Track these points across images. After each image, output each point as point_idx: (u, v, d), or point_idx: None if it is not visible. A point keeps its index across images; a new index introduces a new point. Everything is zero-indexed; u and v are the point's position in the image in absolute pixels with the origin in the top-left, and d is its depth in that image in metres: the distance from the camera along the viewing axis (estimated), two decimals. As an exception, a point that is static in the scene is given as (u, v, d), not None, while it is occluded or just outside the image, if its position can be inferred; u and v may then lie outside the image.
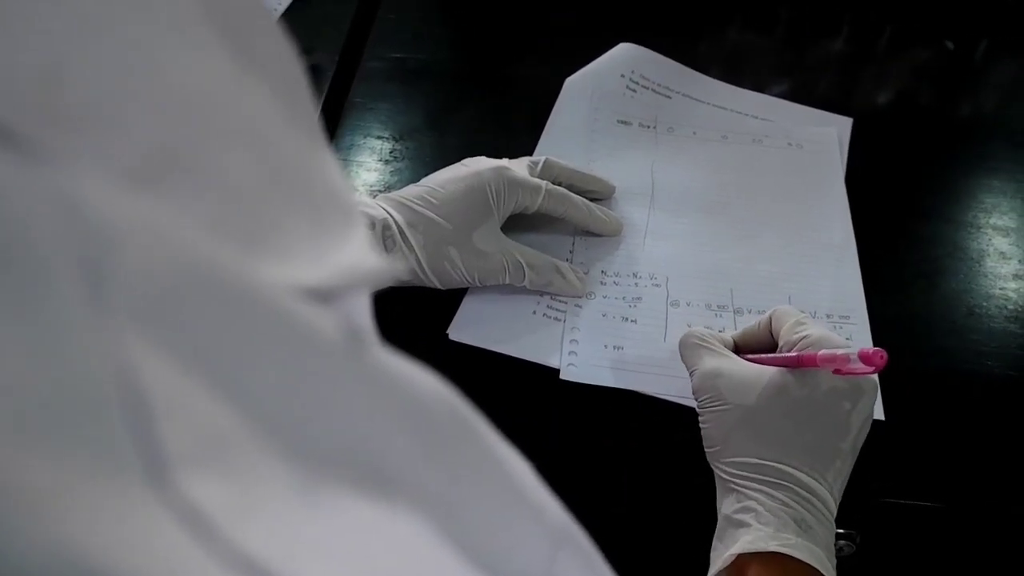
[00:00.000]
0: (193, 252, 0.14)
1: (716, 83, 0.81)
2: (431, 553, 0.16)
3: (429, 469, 0.17)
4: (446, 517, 0.17)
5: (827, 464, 0.47)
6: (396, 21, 0.86)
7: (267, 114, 0.17)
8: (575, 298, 0.62)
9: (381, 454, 0.16)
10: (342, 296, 0.17)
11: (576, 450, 0.57)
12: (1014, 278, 0.67)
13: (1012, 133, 0.80)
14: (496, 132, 0.75)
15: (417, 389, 0.18)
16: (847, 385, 0.48)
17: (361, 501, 0.15)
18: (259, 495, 0.14)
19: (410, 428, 0.17)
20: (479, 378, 0.58)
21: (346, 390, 0.16)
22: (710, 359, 0.52)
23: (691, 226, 0.68)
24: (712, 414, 0.50)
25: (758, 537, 0.45)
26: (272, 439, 0.14)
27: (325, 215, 0.18)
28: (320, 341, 0.16)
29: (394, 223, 0.57)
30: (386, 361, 0.17)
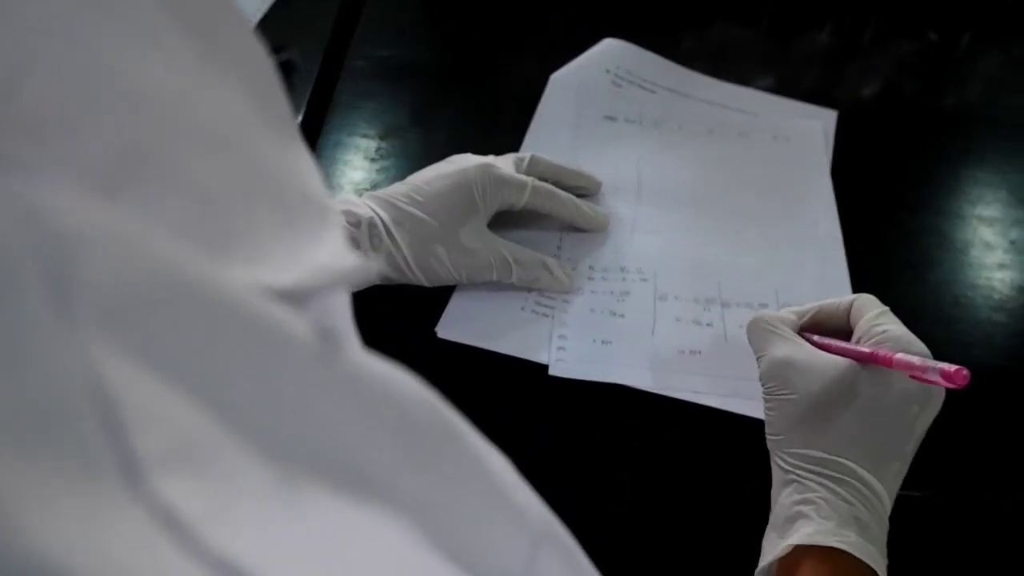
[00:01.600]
0: (160, 256, 0.14)
1: (701, 77, 0.81)
2: (411, 554, 0.16)
3: (409, 470, 0.17)
4: (426, 518, 0.17)
5: (888, 465, 0.47)
6: (380, 19, 0.86)
7: (237, 115, 0.17)
8: (563, 294, 0.62)
9: (359, 456, 0.16)
10: (316, 297, 0.17)
11: (568, 446, 0.57)
12: (999, 268, 0.67)
13: (996, 124, 0.81)
14: (482, 129, 0.75)
15: (395, 390, 0.18)
16: (918, 389, 0.47)
17: (339, 502, 0.15)
18: (234, 496, 0.14)
19: (389, 430, 0.17)
20: (468, 375, 0.58)
21: (320, 392, 0.16)
22: (780, 346, 0.51)
23: (678, 220, 0.68)
24: (778, 402, 0.49)
25: (818, 531, 0.45)
26: (246, 441, 0.14)
27: (298, 216, 0.18)
28: (292, 343, 0.15)
29: (380, 221, 0.57)
30: (363, 362, 0.17)
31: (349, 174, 0.70)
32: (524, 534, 0.20)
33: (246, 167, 0.17)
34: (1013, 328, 0.63)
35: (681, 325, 0.61)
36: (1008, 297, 0.65)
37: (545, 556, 0.20)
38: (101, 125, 0.14)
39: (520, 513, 0.20)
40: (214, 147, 0.16)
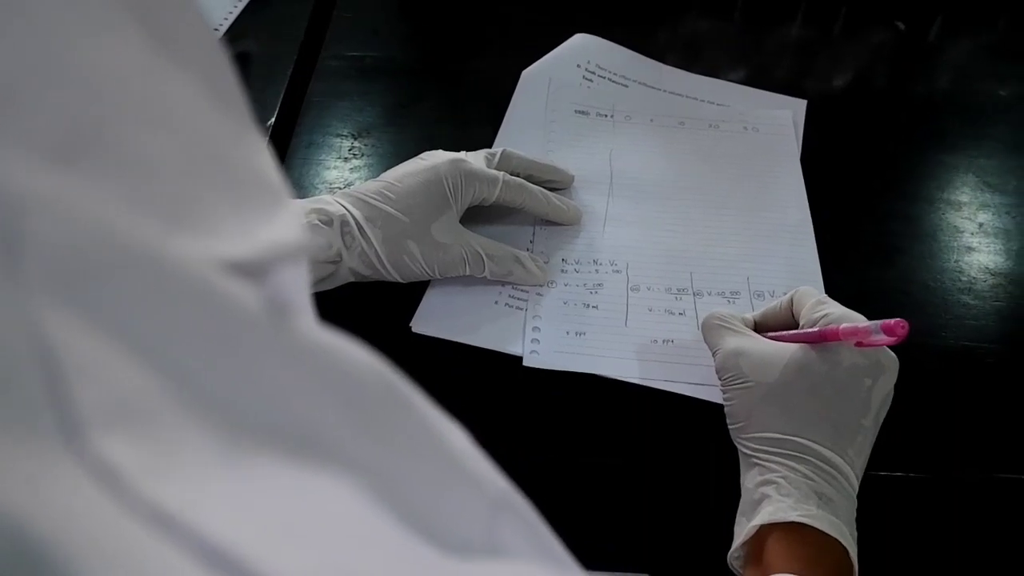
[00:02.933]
0: (110, 224, 0.14)
1: (672, 70, 0.82)
2: (366, 519, 0.17)
3: (362, 439, 0.18)
4: (381, 485, 0.17)
5: (849, 440, 0.48)
6: (352, 20, 0.86)
7: (189, 100, 0.18)
8: (536, 287, 0.62)
9: (311, 423, 0.17)
10: (268, 271, 0.18)
11: (543, 437, 0.57)
12: (967, 251, 0.68)
13: (964, 110, 0.82)
14: (455, 126, 0.76)
15: (347, 361, 0.18)
16: (868, 362, 0.49)
17: (287, 466, 0.16)
18: (177, 456, 0.14)
19: (341, 399, 0.17)
20: (443, 369, 0.59)
21: (268, 361, 0.16)
22: (732, 339, 0.53)
23: (650, 212, 0.69)
24: (735, 391, 0.51)
25: (779, 508, 0.46)
26: (190, 404, 0.15)
27: (251, 196, 0.18)
28: (241, 313, 0.16)
29: (352, 219, 0.57)
30: (314, 334, 0.18)
31: (323, 173, 0.71)
32: (482, 502, 0.20)
33: (198, 148, 0.18)
34: (981, 310, 0.64)
35: (654, 315, 0.62)
36: (976, 279, 0.66)
37: (504, 525, 0.20)
38: (52, 101, 0.15)
39: (476, 482, 0.20)
40: (166, 128, 0.17)
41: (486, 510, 0.20)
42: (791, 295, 0.55)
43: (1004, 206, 0.71)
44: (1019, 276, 0.66)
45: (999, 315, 0.63)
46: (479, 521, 0.20)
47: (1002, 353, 0.61)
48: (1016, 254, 0.68)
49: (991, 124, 0.80)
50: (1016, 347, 0.61)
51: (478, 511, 0.20)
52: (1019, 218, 0.70)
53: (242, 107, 0.20)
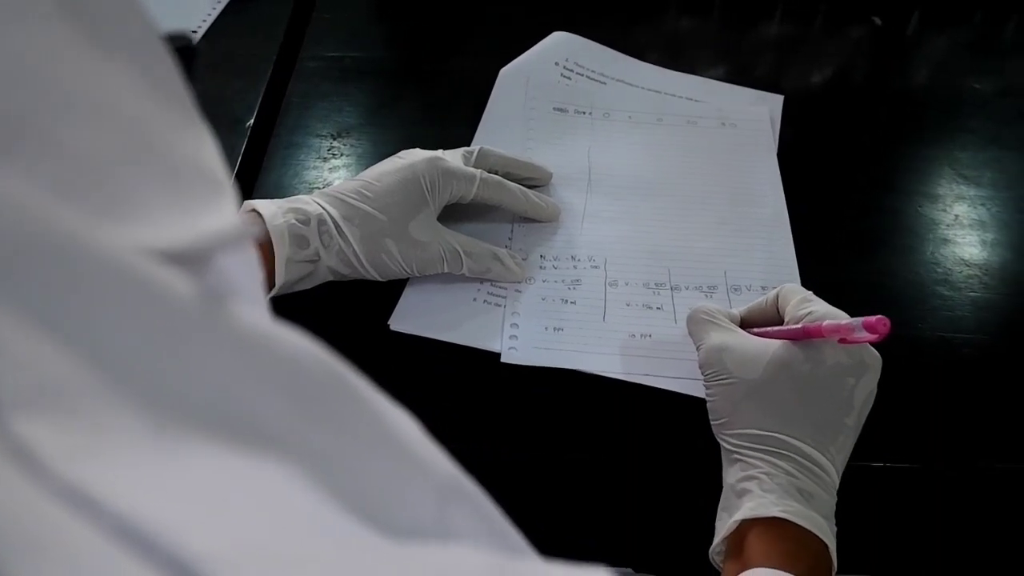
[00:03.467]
0: (35, 212, 0.14)
1: (650, 67, 0.82)
2: (302, 502, 0.17)
3: (302, 424, 0.18)
4: (323, 471, 0.17)
5: (831, 437, 0.48)
6: (332, 20, 0.87)
7: (119, 88, 0.18)
8: (514, 283, 0.63)
9: (249, 410, 0.17)
10: (206, 259, 0.18)
11: (522, 433, 0.57)
12: (943, 243, 0.68)
13: (940, 103, 0.82)
14: (434, 126, 0.76)
15: (289, 350, 0.18)
16: (851, 361, 0.49)
17: (226, 453, 0.16)
18: (100, 439, 0.14)
19: (280, 385, 0.18)
20: (421, 367, 0.59)
21: (203, 348, 0.17)
22: (716, 334, 0.53)
23: (628, 208, 0.69)
24: (718, 387, 0.51)
25: (760, 504, 0.46)
26: (117, 389, 0.15)
27: (188, 184, 0.19)
28: (172, 300, 0.16)
29: (329, 218, 0.58)
30: (252, 322, 0.18)
31: (302, 174, 0.71)
32: (430, 488, 0.20)
33: (131, 139, 0.18)
34: (957, 301, 0.64)
35: (631, 310, 0.62)
36: (951, 271, 0.66)
37: (455, 510, 0.21)
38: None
39: (424, 468, 0.20)
40: (96, 118, 0.17)
41: (435, 496, 0.20)
42: (776, 291, 0.55)
43: (979, 198, 0.72)
44: (993, 267, 0.67)
45: (974, 305, 0.64)
46: (428, 506, 0.20)
47: (978, 343, 0.62)
48: (990, 245, 0.68)
49: (967, 117, 0.81)
50: (991, 337, 0.62)
51: (426, 497, 0.20)
52: (994, 209, 0.71)
53: (183, 99, 0.20)
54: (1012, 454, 0.57)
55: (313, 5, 0.88)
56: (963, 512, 0.59)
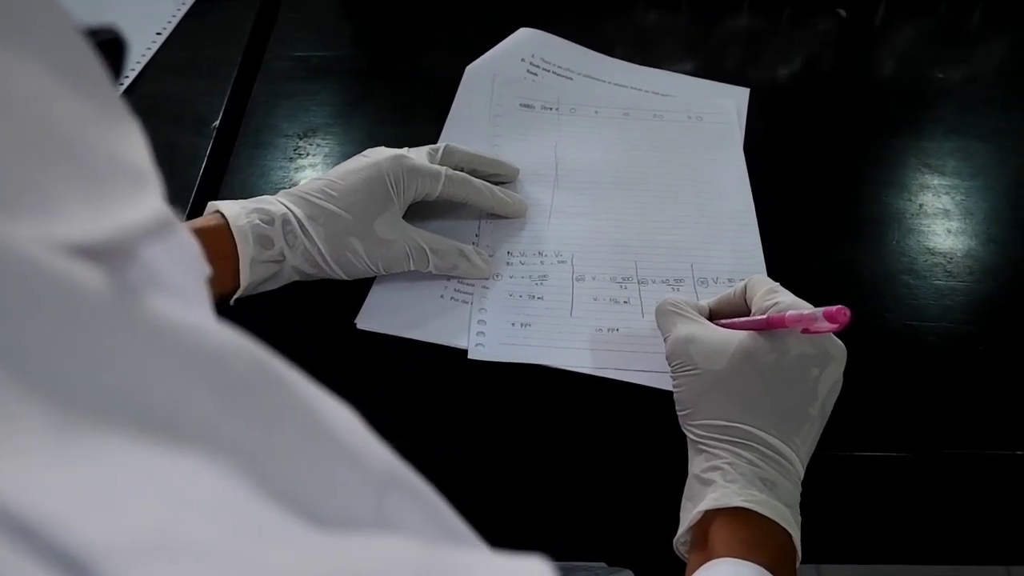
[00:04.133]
0: None
1: (616, 62, 0.82)
2: (230, 497, 0.16)
3: (228, 417, 0.18)
4: (250, 463, 0.17)
5: (795, 428, 0.48)
6: (298, 20, 0.86)
7: (28, 83, 0.18)
8: (482, 280, 0.63)
9: (166, 403, 0.17)
10: (123, 252, 0.18)
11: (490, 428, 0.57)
12: (908, 232, 0.69)
13: (906, 93, 0.83)
14: (400, 124, 0.76)
15: (213, 343, 0.18)
16: (815, 351, 0.49)
17: (140, 446, 0.16)
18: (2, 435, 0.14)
19: (203, 379, 0.18)
20: (388, 365, 0.59)
21: (115, 342, 0.16)
22: (683, 325, 0.53)
23: (595, 202, 0.69)
24: (684, 378, 0.51)
25: (723, 494, 0.46)
26: (20, 385, 0.15)
27: (105, 178, 0.18)
28: (82, 293, 0.16)
29: (294, 217, 0.57)
30: (172, 314, 0.18)
31: (269, 174, 0.71)
32: (366, 479, 0.20)
33: (39, 131, 0.17)
34: (921, 289, 0.65)
35: (599, 304, 0.62)
36: (915, 260, 0.67)
37: (393, 500, 0.21)
38: None
39: (361, 460, 0.20)
40: (2, 115, 0.17)
41: (373, 487, 0.20)
42: (745, 283, 0.56)
43: (943, 187, 0.73)
44: (956, 255, 0.67)
45: (938, 293, 0.64)
46: (364, 498, 0.20)
47: (943, 331, 0.62)
48: (953, 233, 0.69)
49: (932, 107, 0.81)
50: (955, 324, 0.62)
51: (363, 488, 0.20)
52: (957, 198, 0.72)
53: (105, 92, 0.20)
54: (977, 440, 0.57)
55: (279, 5, 0.88)
56: (930, 499, 0.60)
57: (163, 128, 0.74)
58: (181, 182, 0.69)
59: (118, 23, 0.88)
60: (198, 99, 0.77)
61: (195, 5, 0.86)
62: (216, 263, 0.56)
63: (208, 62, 0.81)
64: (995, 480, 0.58)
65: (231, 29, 0.84)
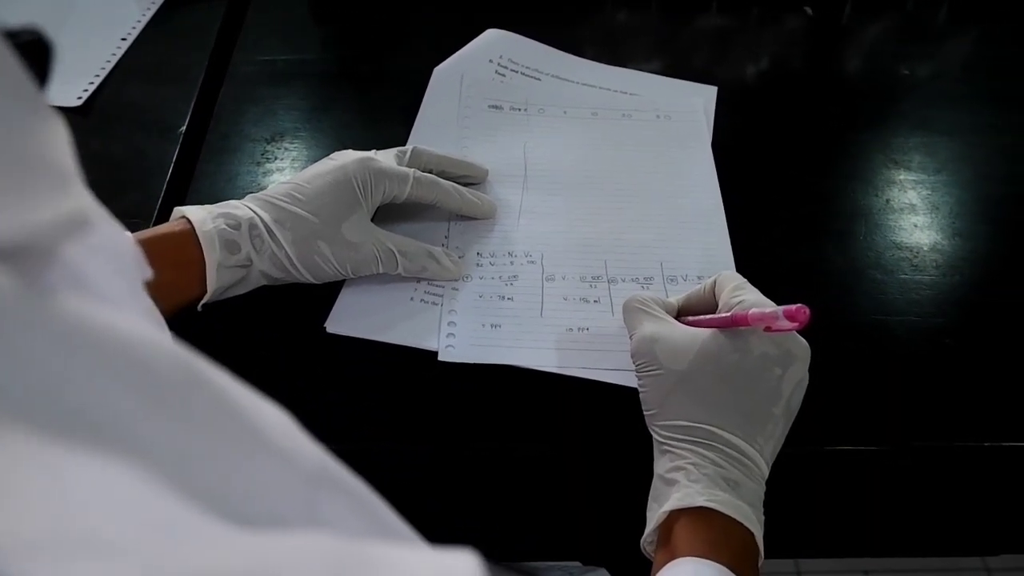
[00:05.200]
0: None
1: (585, 62, 0.82)
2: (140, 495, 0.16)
3: (146, 418, 0.17)
4: (169, 464, 0.17)
5: (758, 427, 0.49)
6: (264, 24, 0.86)
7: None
8: (451, 281, 0.63)
9: (79, 403, 0.16)
10: (40, 252, 0.18)
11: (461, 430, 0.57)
12: (875, 228, 0.69)
13: (872, 89, 0.84)
14: (368, 127, 0.76)
15: (130, 342, 0.18)
16: (778, 351, 0.49)
17: (47, 446, 0.16)
18: None
19: (119, 379, 0.17)
20: (359, 368, 0.59)
21: (18, 341, 0.16)
22: (648, 324, 0.53)
23: (564, 202, 0.69)
24: (648, 378, 0.51)
25: (687, 494, 0.46)
26: None
27: (21, 179, 0.18)
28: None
29: (261, 222, 0.57)
30: (87, 314, 0.17)
31: (236, 179, 0.70)
32: (296, 478, 0.20)
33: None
34: (888, 284, 0.65)
35: (569, 303, 0.62)
36: (882, 254, 0.67)
37: (326, 498, 0.21)
38: None
39: (289, 458, 0.20)
40: None
41: (303, 486, 0.20)
42: (714, 279, 0.56)
43: (909, 182, 0.73)
44: (921, 248, 0.68)
45: (905, 287, 0.65)
46: (294, 496, 0.20)
47: (909, 324, 0.63)
48: (919, 228, 0.69)
49: (898, 103, 0.82)
50: (921, 317, 0.63)
51: (293, 487, 0.20)
52: (923, 192, 0.72)
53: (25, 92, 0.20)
54: (947, 432, 0.57)
55: (245, 9, 0.87)
56: (902, 491, 0.60)
57: (129, 134, 0.73)
58: (148, 188, 0.69)
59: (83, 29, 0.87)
60: (164, 105, 0.76)
61: (160, 10, 0.85)
62: (183, 268, 0.56)
63: (174, 67, 0.80)
64: (965, 471, 0.59)
65: (197, 34, 0.84)
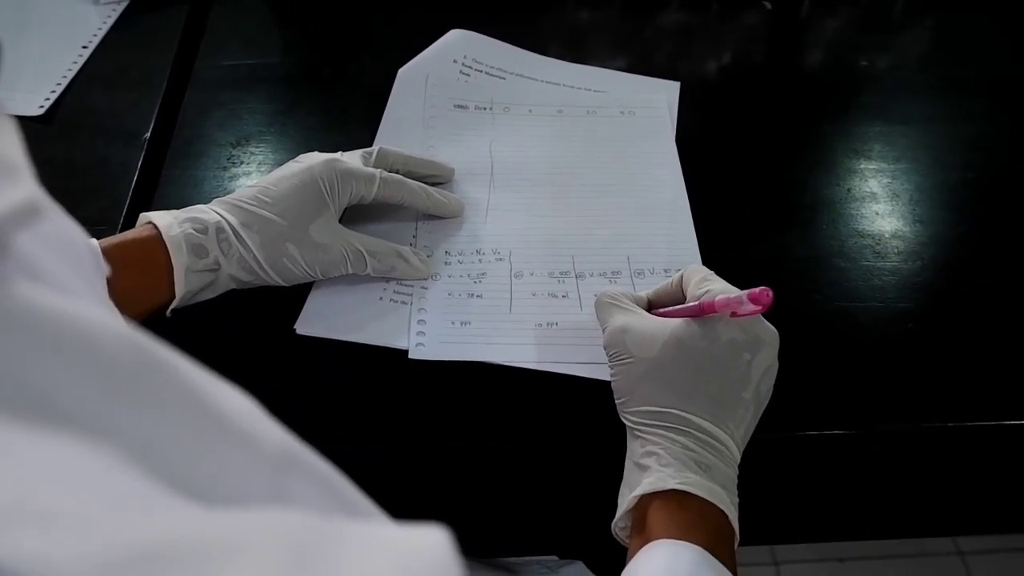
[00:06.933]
0: None
1: (548, 60, 0.83)
2: (101, 472, 0.16)
3: (106, 402, 0.18)
4: (130, 446, 0.17)
5: (729, 412, 0.49)
6: (227, 29, 0.86)
7: None
8: (420, 280, 0.63)
9: (39, 388, 0.17)
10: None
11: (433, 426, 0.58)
12: (837, 217, 0.70)
13: (832, 81, 0.85)
14: (334, 129, 0.76)
15: (87, 329, 0.18)
16: (746, 336, 0.50)
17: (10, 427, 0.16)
18: None
19: (78, 364, 0.18)
20: (329, 369, 0.59)
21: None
22: (619, 316, 0.54)
23: (531, 199, 0.70)
24: (620, 367, 0.52)
25: (659, 478, 0.47)
26: None
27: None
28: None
29: (228, 225, 0.57)
30: (43, 302, 0.18)
31: (201, 184, 0.70)
32: (260, 460, 0.20)
33: None
34: (851, 271, 0.66)
35: (537, 299, 0.63)
36: (844, 243, 0.68)
37: (291, 480, 0.21)
38: None
39: (253, 441, 0.21)
40: None
41: (267, 467, 0.20)
42: (681, 273, 0.56)
43: (869, 171, 0.74)
44: (883, 235, 0.69)
45: (868, 274, 0.66)
46: (258, 478, 0.20)
47: (873, 310, 0.64)
48: (880, 215, 0.70)
49: (857, 95, 0.83)
50: (884, 303, 0.64)
51: (256, 468, 0.20)
52: (883, 180, 0.73)
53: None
54: (912, 414, 0.58)
55: (207, 15, 0.87)
56: (871, 474, 0.61)
57: (93, 142, 0.73)
58: (113, 195, 0.68)
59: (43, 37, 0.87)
60: (128, 111, 0.76)
61: (122, 17, 0.85)
62: (150, 274, 0.56)
63: (137, 73, 0.80)
64: (931, 452, 0.60)
65: (159, 40, 0.83)
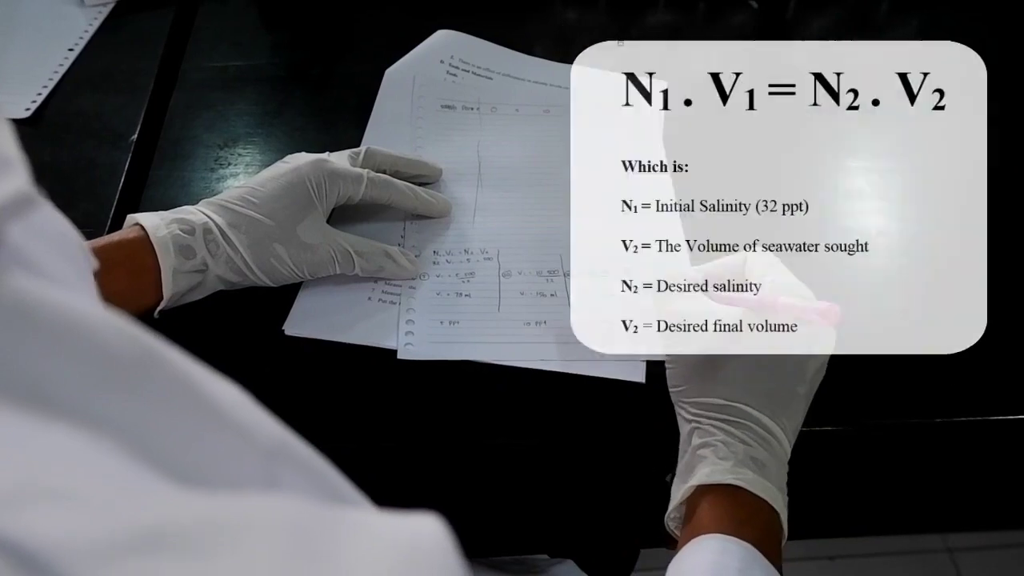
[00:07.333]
0: None
1: (535, 60, 0.83)
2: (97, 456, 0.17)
3: (100, 391, 0.18)
4: (123, 434, 0.18)
5: (784, 407, 0.49)
6: (214, 30, 0.86)
7: None
8: (408, 280, 0.63)
9: (33, 376, 0.17)
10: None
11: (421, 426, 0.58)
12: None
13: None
14: (322, 130, 0.76)
15: (80, 319, 0.18)
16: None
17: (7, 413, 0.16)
18: None
19: (70, 353, 0.18)
20: (318, 370, 0.59)
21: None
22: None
23: (519, 198, 0.70)
24: (676, 356, 0.52)
25: (715, 470, 0.47)
26: None
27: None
28: None
29: (215, 226, 0.57)
30: (36, 292, 0.18)
31: (189, 186, 0.70)
32: (253, 449, 0.21)
33: None
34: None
35: (525, 298, 0.63)
36: (832, 240, 0.68)
37: (284, 469, 0.21)
38: None
39: (245, 431, 0.21)
40: None
41: (260, 457, 0.21)
42: (745, 256, 0.55)
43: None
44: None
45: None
46: (251, 467, 0.20)
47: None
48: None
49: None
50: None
51: (249, 457, 0.20)
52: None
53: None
54: (898, 410, 0.59)
55: (194, 16, 0.87)
56: (857, 471, 0.62)
57: (79, 144, 0.73)
58: (100, 197, 0.68)
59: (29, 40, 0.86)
60: (114, 113, 0.76)
61: (108, 18, 0.85)
62: (138, 275, 0.56)
63: (123, 75, 0.80)
64: (919, 448, 0.60)
65: (146, 41, 0.83)
